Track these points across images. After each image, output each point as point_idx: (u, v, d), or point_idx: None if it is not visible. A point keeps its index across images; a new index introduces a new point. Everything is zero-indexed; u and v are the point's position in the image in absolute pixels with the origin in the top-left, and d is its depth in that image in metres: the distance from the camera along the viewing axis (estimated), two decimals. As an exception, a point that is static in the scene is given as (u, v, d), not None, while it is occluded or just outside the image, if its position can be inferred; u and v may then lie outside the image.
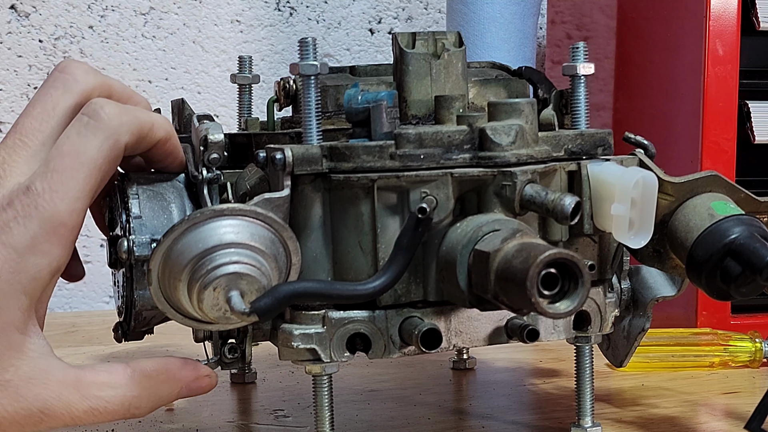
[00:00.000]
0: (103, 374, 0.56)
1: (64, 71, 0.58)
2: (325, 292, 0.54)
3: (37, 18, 1.25)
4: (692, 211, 0.62)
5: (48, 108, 0.57)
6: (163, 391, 0.58)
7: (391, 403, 0.77)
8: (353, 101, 0.60)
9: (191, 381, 0.58)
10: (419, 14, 1.38)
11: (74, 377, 0.55)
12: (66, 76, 0.57)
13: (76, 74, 0.58)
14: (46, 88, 0.57)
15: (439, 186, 0.57)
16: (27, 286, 0.53)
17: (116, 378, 0.56)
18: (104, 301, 1.26)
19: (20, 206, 0.53)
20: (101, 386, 0.56)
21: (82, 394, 0.55)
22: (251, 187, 0.62)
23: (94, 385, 0.55)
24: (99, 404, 0.55)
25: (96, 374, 0.56)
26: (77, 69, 0.58)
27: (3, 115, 1.24)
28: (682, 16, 0.95)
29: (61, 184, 0.54)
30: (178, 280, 0.54)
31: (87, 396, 0.55)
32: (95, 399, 0.55)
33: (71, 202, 0.54)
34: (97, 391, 0.55)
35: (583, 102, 0.64)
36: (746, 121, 0.93)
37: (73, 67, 0.58)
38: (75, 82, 0.57)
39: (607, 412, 0.73)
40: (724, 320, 0.91)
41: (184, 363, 0.59)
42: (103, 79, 0.59)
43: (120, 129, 0.56)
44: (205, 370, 0.59)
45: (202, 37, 1.30)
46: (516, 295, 0.51)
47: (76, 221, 0.55)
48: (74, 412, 0.55)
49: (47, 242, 0.54)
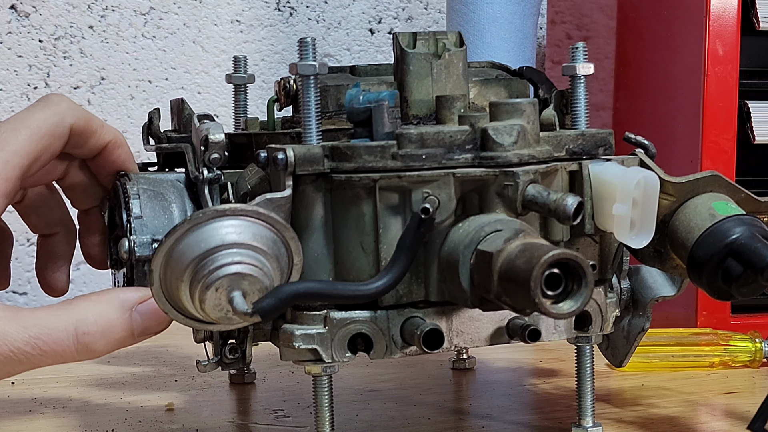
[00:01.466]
0: (43, 310, 0.55)
1: (44, 99, 0.61)
2: (326, 292, 0.54)
3: (37, 18, 1.25)
4: (693, 211, 0.62)
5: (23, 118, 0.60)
6: (109, 311, 0.55)
7: (391, 403, 0.77)
8: (355, 101, 0.60)
9: (139, 302, 0.56)
10: (419, 14, 1.38)
11: (12, 310, 0.54)
12: (43, 102, 0.60)
13: (54, 98, 0.61)
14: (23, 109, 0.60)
15: (441, 186, 0.57)
16: None
17: (56, 308, 0.55)
18: (104, 301, 1.26)
19: None
20: (40, 316, 0.54)
21: (20, 324, 0.53)
22: (252, 187, 0.62)
23: (32, 316, 0.54)
24: (40, 332, 0.53)
25: (35, 310, 0.54)
26: (57, 96, 0.61)
27: (3, 115, 1.24)
28: (682, 16, 0.95)
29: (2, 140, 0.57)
30: (179, 281, 0.54)
31: (26, 326, 0.53)
32: (35, 327, 0.53)
33: (8, 154, 0.57)
34: (36, 320, 0.53)
35: (583, 102, 0.64)
36: (746, 121, 0.93)
37: (54, 95, 0.61)
38: (55, 104, 0.60)
39: (607, 412, 0.73)
40: (724, 320, 0.91)
41: (127, 288, 0.58)
42: (83, 109, 0.62)
43: (67, 111, 0.60)
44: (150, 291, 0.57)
45: (202, 37, 1.30)
46: (519, 295, 0.51)
47: (11, 174, 0.57)
48: (14, 342, 0.52)
49: None
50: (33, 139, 0.58)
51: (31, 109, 0.59)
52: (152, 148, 0.68)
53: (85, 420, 0.72)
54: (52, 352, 0.53)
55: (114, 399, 0.78)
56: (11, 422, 0.73)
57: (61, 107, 0.60)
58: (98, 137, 0.62)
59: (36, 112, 0.59)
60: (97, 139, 0.62)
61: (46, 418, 0.73)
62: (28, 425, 0.72)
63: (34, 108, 0.60)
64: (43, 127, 0.59)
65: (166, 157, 0.68)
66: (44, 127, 0.59)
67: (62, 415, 0.74)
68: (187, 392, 0.80)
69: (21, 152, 0.57)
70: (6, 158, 0.57)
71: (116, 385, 0.82)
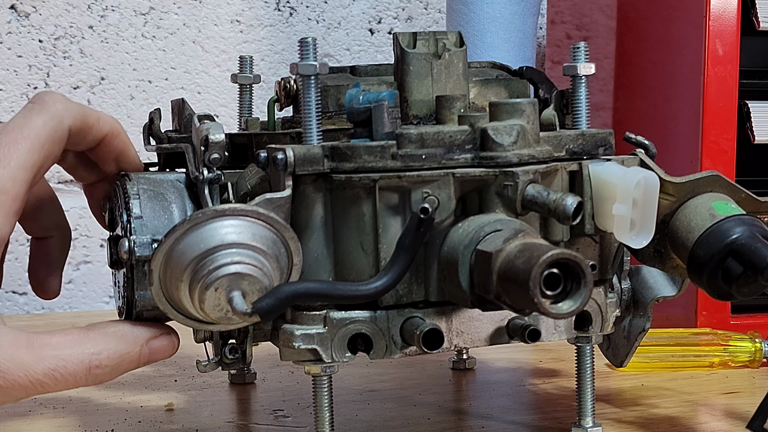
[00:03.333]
0: (57, 336, 0.55)
1: (38, 101, 0.59)
2: (326, 292, 0.54)
3: (37, 18, 1.25)
4: (693, 211, 0.62)
5: None
6: (123, 347, 0.56)
7: (391, 403, 0.77)
8: (355, 101, 0.60)
9: (151, 338, 0.57)
10: (419, 14, 1.38)
11: (26, 339, 0.54)
12: (38, 105, 0.59)
13: (48, 100, 0.59)
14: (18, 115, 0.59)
15: (441, 186, 0.57)
16: None
17: (71, 338, 0.55)
18: (104, 301, 1.26)
19: None
20: (56, 346, 0.55)
21: (37, 355, 0.54)
22: (252, 187, 0.62)
23: (48, 345, 0.54)
24: (57, 364, 0.54)
25: (50, 336, 0.55)
26: (50, 97, 0.59)
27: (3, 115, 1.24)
28: (682, 16, 0.95)
29: (3, 155, 0.55)
30: (179, 281, 0.54)
31: (42, 357, 0.54)
32: (52, 359, 0.54)
33: (12, 170, 0.55)
34: (52, 350, 0.54)
35: (584, 102, 0.64)
36: (746, 121, 0.93)
37: (47, 96, 0.59)
38: (50, 106, 0.59)
39: (607, 412, 0.73)
40: (724, 320, 0.91)
41: (137, 322, 0.58)
42: (77, 106, 0.60)
43: (64, 113, 0.58)
44: (162, 328, 0.58)
45: (202, 37, 1.30)
46: (518, 295, 0.51)
47: (18, 191, 0.56)
48: (32, 374, 0.53)
49: None
50: (34, 150, 0.57)
51: (27, 115, 0.58)
52: (153, 148, 0.68)
53: (84, 420, 0.72)
54: (65, 382, 0.55)
55: (114, 399, 0.78)
56: (11, 422, 0.73)
57: (57, 109, 0.58)
58: (95, 131, 0.61)
59: (33, 118, 0.57)
60: (95, 134, 0.61)
61: (46, 418, 0.73)
62: (28, 425, 0.72)
63: (29, 113, 0.58)
64: (43, 134, 0.57)
65: (166, 157, 0.68)
66: (43, 134, 0.57)
67: (62, 415, 0.74)
68: (187, 392, 0.80)
69: (25, 166, 0.56)
70: (12, 175, 0.55)
71: (116, 385, 0.82)
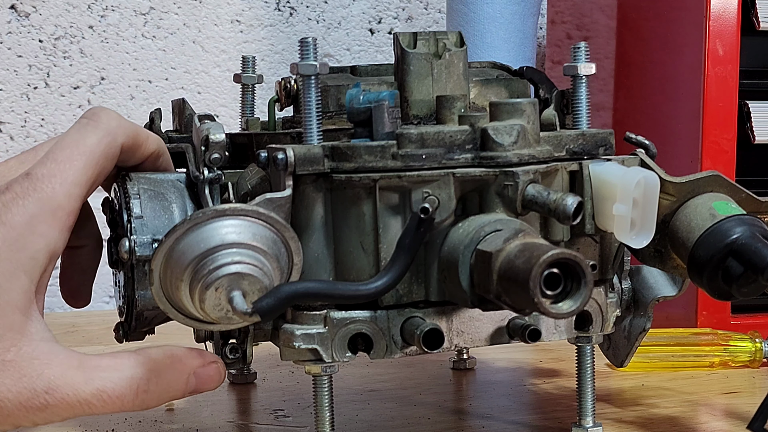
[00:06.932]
0: (107, 359, 0.55)
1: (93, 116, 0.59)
2: (327, 292, 0.54)
3: (37, 18, 1.25)
4: (693, 211, 0.62)
5: None
6: (172, 376, 0.57)
7: (391, 403, 0.77)
8: (355, 101, 0.60)
9: (198, 367, 0.57)
10: (419, 14, 1.38)
11: (78, 359, 0.54)
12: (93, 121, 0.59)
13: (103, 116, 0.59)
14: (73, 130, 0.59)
15: (441, 186, 0.57)
16: (26, 265, 0.54)
17: (121, 361, 0.55)
18: (104, 301, 1.26)
19: (19, 189, 0.55)
20: (106, 368, 0.55)
21: (87, 375, 0.54)
22: (252, 187, 0.62)
23: (98, 367, 0.55)
24: (106, 386, 0.54)
25: (100, 359, 0.55)
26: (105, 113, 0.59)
27: (3, 115, 1.24)
28: (682, 16, 0.95)
29: (60, 171, 0.56)
30: (179, 280, 0.54)
31: (92, 377, 0.54)
32: (101, 380, 0.54)
33: (69, 186, 0.55)
34: (102, 372, 0.54)
35: (584, 102, 0.64)
36: (746, 121, 0.93)
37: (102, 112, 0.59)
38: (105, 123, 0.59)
39: (607, 412, 0.73)
40: (724, 320, 0.91)
41: (190, 349, 0.58)
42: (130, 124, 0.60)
43: (117, 130, 0.58)
44: (211, 356, 0.58)
45: (202, 37, 1.30)
46: (518, 295, 0.51)
47: (74, 206, 0.56)
48: (80, 393, 0.54)
49: (44, 223, 0.54)
50: (89, 166, 0.57)
51: (82, 132, 0.58)
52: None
53: (85, 420, 0.72)
54: (112, 404, 0.55)
55: (114, 399, 0.78)
56: (11, 422, 0.73)
57: (111, 126, 0.58)
58: (144, 149, 0.61)
59: (88, 135, 0.57)
60: (143, 152, 0.61)
61: (46, 418, 0.73)
62: (28, 425, 0.72)
63: (84, 129, 0.58)
64: (97, 151, 0.57)
65: (166, 157, 0.68)
66: (98, 151, 0.57)
67: (62, 415, 0.74)
68: (187, 392, 0.80)
69: (80, 182, 0.56)
70: (68, 192, 0.55)
71: (116, 385, 0.82)
